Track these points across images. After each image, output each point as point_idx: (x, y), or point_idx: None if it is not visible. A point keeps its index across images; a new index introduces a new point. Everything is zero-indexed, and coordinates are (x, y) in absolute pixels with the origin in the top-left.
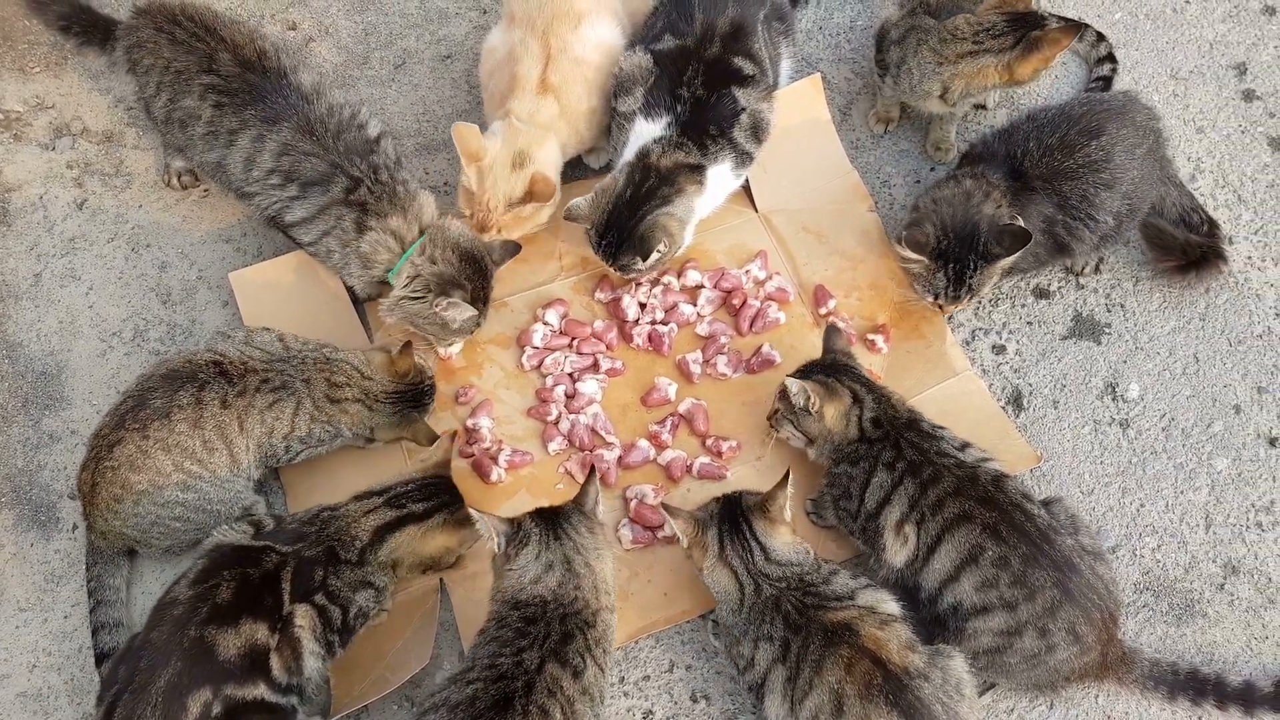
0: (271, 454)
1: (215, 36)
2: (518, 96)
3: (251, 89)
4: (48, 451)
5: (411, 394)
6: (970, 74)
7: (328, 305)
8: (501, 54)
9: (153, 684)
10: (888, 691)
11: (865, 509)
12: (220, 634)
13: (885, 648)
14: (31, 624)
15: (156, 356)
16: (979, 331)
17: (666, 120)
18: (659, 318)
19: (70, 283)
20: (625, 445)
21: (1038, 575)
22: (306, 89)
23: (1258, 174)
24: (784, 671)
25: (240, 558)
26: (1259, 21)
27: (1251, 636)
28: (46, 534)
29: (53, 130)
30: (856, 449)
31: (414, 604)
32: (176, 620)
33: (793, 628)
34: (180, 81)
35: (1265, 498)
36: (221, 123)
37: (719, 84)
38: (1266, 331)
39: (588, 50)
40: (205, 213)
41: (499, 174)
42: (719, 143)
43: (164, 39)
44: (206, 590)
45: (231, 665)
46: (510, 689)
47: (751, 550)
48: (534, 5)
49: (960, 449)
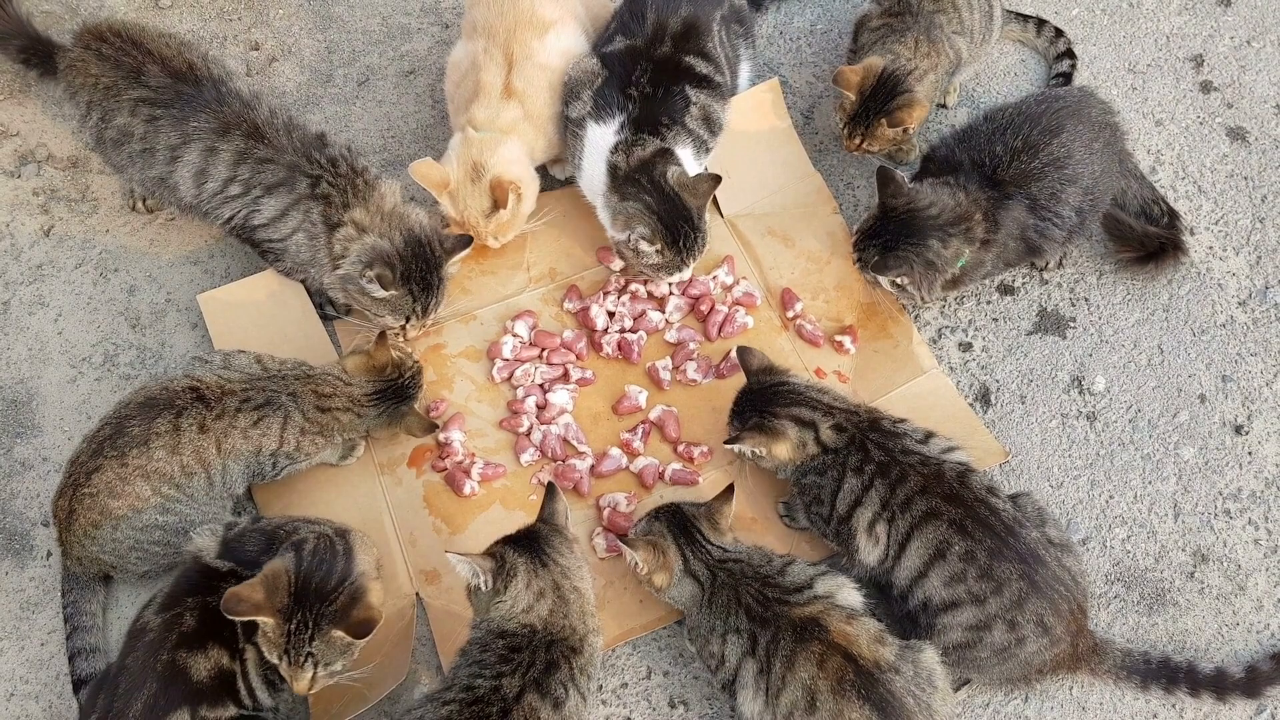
0: (259, 471)
1: (142, 50)
2: (480, 103)
3: (185, 100)
4: (20, 479)
5: (393, 389)
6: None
7: (297, 324)
8: (465, 65)
9: (130, 708)
10: (860, 686)
11: (837, 513)
12: (191, 658)
13: (855, 643)
14: (8, 652)
15: (127, 381)
16: (945, 329)
17: (619, 121)
18: (628, 326)
19: (38, 309)
20: (598, 454)
21: (1004, 568)
22: (246, 95)
23: (1217, 164)
24: (755, 665)
25: (202, 584)
26: (1215, 13)
27: (1222, 623)
28: (21, 562)
29: (18, 157)
30: (822, 460)
31: (391, 620)
32: (150, 645)
33: (758, 621)
34: (109, 98)
35: (1232, 485)
36: (158, 138)
37: (669, 81)
38: (1229, 321)
39: (552, 57)
40: (172, 235)
41: (464, 192)
42: (674, 129)
43: (91, 56)
44: (173, 619)
45: (204, 687)
46: (485, 713)
47: (709, 551)
48: (494, 14)
49: (923, 441)
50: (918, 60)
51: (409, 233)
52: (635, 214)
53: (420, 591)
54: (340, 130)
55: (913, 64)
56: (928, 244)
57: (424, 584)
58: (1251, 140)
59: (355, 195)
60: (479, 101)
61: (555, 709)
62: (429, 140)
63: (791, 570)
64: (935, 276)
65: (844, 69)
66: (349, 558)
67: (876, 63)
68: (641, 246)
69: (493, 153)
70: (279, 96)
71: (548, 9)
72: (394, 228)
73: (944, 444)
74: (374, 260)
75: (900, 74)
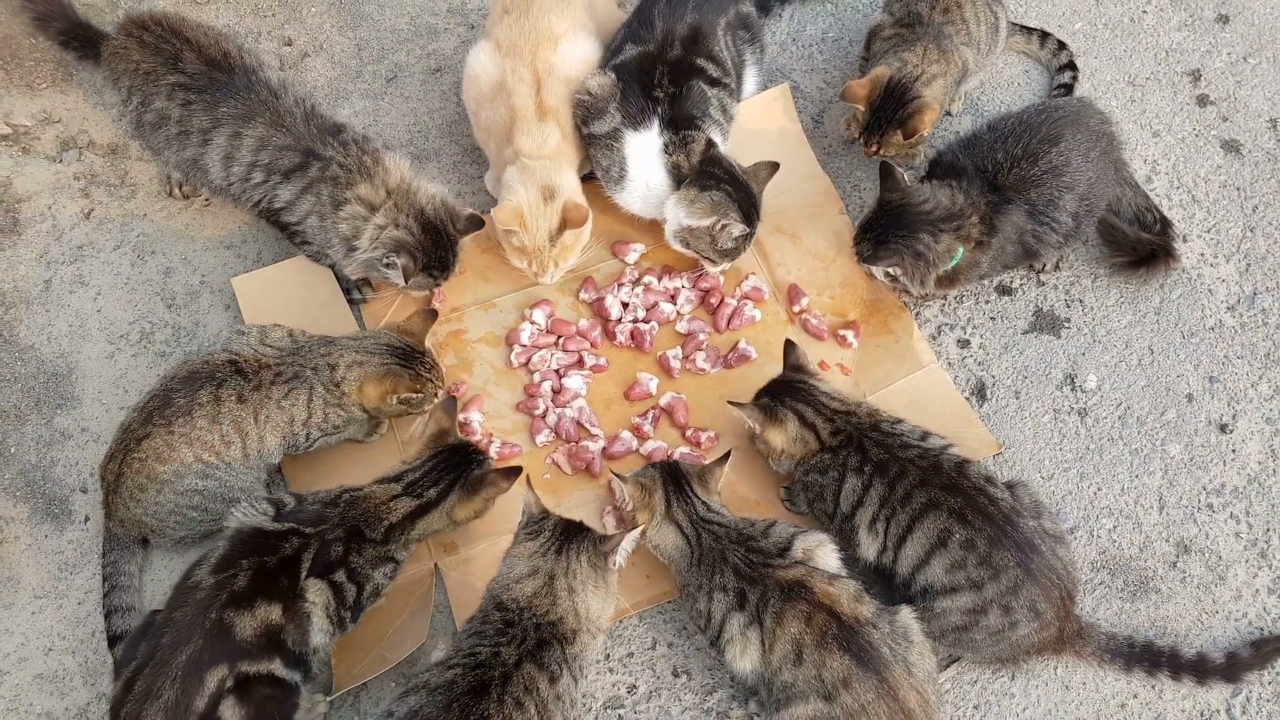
0: (293, 442)
1: (180, 38)
2: (521, 130)
3: (219, 87)
4: (60, 448)
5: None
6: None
7: (325, 308)
8: (488, 83)
9: (174, 659)
10: (840, 638)
11: (841, 511)
12: (238, 616)
13: (838, 601)
14: (47, 610)
15: (163, 358)
16: (945, 327)
17: (656, 124)
18: (641, 316)
19: (79, 288)
20: (609, 437)
21: (1002, 556)
22: (274, 84)
23: (1210, 175)
24: (744, 618)
25: (259, 545)
26: (1213, 30)
27: (1202, 611)
28: (60, 526)
29: (60, 144)
30: (821, 459)
31: (411, 587)
32: (199, 603)
33: (746, 579)
34: (149, 83)
35: (1216, 480)
36: (191, 121)
37: (684, 80)
38: (1218, 324)
39: (573, 67)
40: (207, 220)
41: (536, 214)
42: (705, 121)
43: (133, 43)
44: (226, 579)
45: (247, 644)
46: (487, 677)
47: (694, 504)
48: (518, 33)
49: (921, 439)
50: (925, 66)
51: (421, 215)
52: (721, 202)
53: (439, 562)
54: (369, 124)
55: (920, 69)
56: (918, 236)
57: (442, 554)
58: (1245, 153)
59: (360, 172)
60: (519, 128)
61: (551, 683)
62: (454, 135)
63: (773, 532)
64: (926, 269)
65: (851, 84)
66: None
67: (883, 72)
68: (731, 231)
69: (560, 175)
70: (310, 91)
71: (557, 22)
72: (404, 209)
73: (940, 441)
74: (396, 252)
75: (907, 80)
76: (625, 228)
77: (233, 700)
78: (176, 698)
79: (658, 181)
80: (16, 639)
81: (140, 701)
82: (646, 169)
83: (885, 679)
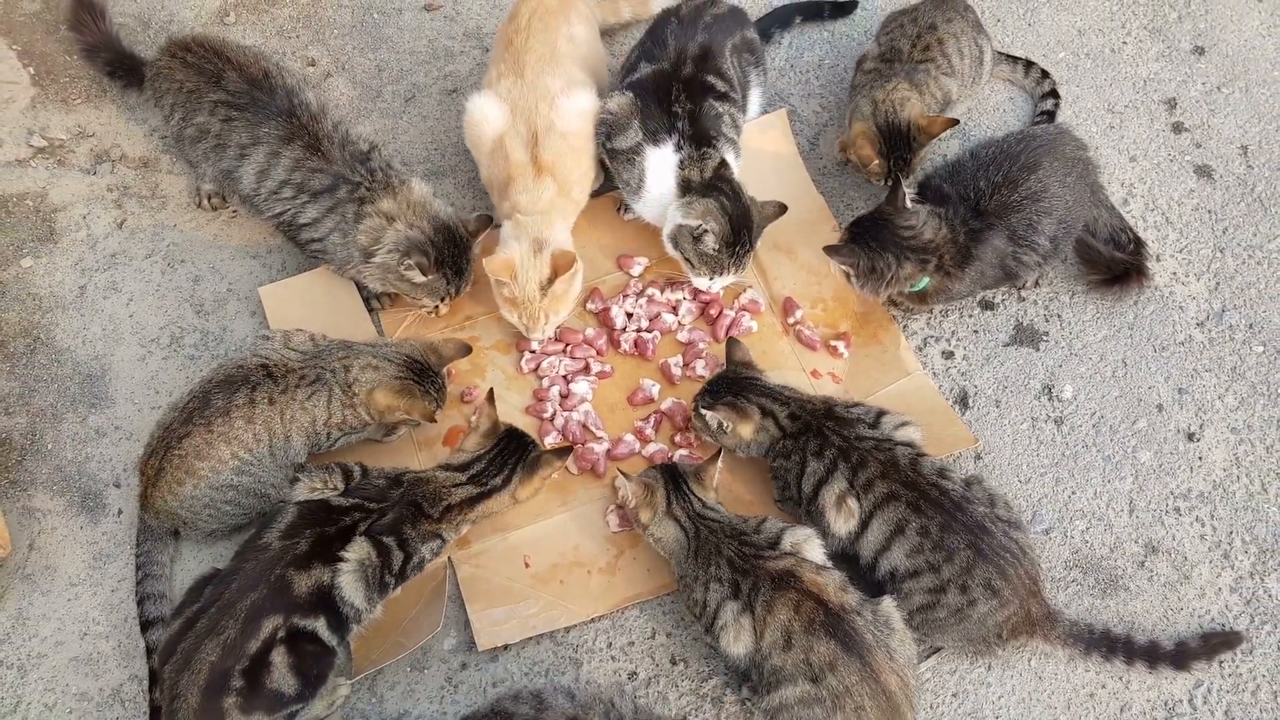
0: (316, 441)
1: (222, 58)
2: (518, 188)
3: (260, 106)
4: (95, 445)
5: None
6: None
7: (348, 317)
8: (490, 136)
9: (240, 602)
10: (827, 625)
11: (804, 494)
12: (297, 575)
13: (824, 590)
14: (82, 597)
15: (192, 361)
16: (930, 339)
17: (674, 140)
18: (644, 326)
19: (112, 294)
20: (613, 440)
21: (953, 539)
22: (314, 108)
23: (1184, 199)
24: (737, 606)
25: (323, 518)
26: (1189, 60)
27: (1168, 608)
28: (94, 518)
29: (94, 156)
30: (784, 445)
31: (426, 579)
32: (267, 561)
33: (739, 570)
34: (192, 100)
35: (1183, 486)
36: (231, 136)
37: (699, 97)
38: (1188, 339)
39: (570, 121)
40: (234, 231)
41: (527, 265)
42: (720, 140)
43: (177, 64)
44: (291, 543)
45: (301, 599)
46: None
47: (691, 501)
48: (517, 94)
49: (874, 424)
50: (891, 95)
51: (436, 219)
52: (712, 208)
53: (451, 555)
54: (388, 142)
55: (888, 101)
56: (884, 254)
57: (455, 548)
58: (1216, 178)
59: (384, 190)
60: (516, 185)
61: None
62: (468, 154)
63: (764, 527)
64: (878, 283)
65: (852, 158)
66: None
67: (865, 128)
68: (706, 236)
69: (550, 228)
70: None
71: (551, 81)
72: (421, 216)
73: (895, 420)
74: (410, 249)
75: (890, 113)
76: (631, 243)
77: (283, 649)
78: (236, 637)
79: (669, 192)
80: (54, 624)
81: (201, 636)
82: (659, 181)
83: (868, 663)
